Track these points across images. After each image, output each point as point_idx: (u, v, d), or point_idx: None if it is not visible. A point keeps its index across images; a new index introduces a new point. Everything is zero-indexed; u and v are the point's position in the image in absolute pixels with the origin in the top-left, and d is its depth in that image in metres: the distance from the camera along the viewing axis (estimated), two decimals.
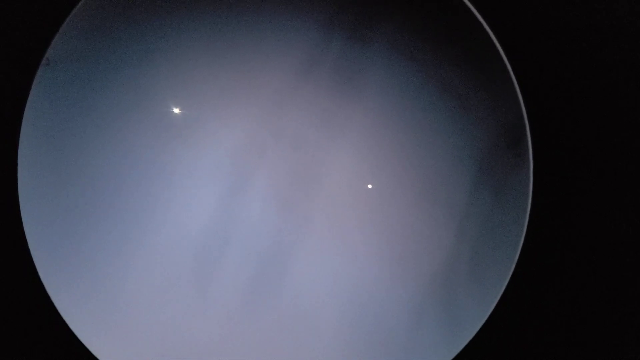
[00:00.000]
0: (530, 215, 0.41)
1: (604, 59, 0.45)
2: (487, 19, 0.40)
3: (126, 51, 0.43)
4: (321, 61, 0.45)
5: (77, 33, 0.40)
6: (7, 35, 0.46)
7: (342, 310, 0.45)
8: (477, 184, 0.43)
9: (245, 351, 0.45)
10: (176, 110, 0.46)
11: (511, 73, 0.40)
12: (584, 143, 0.46)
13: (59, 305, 0.42)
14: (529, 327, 0.47)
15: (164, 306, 0.45)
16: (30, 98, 0.40)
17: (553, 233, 0.46)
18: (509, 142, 0.41)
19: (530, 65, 0.45)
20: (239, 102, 0.46)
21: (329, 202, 0.47)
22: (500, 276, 0.41)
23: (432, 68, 0.43)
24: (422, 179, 0.45)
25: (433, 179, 0.45)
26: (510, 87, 0.40)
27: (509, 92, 0.40)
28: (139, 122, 0.45)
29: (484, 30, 0.39)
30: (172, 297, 0.45)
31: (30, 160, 0.41)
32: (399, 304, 0.44)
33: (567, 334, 0.47)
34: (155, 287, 0.45)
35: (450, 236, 0.44)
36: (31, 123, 0.41)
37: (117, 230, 0.44)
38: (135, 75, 0.44)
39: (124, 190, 0.45)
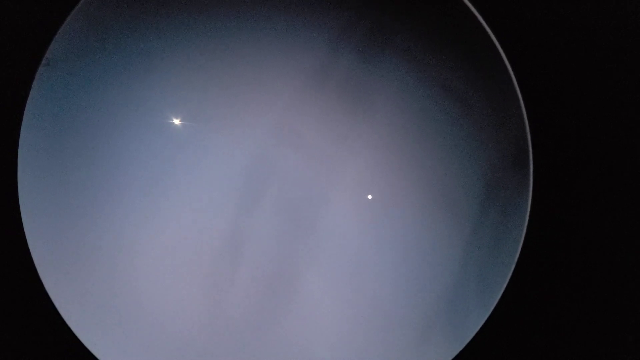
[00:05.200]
0: (534, 222, 0.41)
1: (606, 59, 0.45)
2: (491, 21, 0.40)
3: (126, 51, 0.43)
4: (331, 72, 0.45)
5: (77, 33, 0.40)
6: (7, 35, 0.46)
7: (351, 325, 0.45)
8: (485, 198, 0.43)
9: None
10: (176, 121, 0.46)
11: (515, 84, 0.40)
12: (585, 145, 0.46)
13: (59, 305, 0.42)
14: (525, 335, 0.47)
15: (166, 308, 0.45)
16: (30, 98, 0.40)
17: (556, 243, 0.47)
18: (514, 153, 0.41)
19: (534, 67, 0.45)
20: (249, 112, 0.46)
21: (339, 217, 0.47)
22: (497, 284, 0.41)
23: (435, 73, 0.43)
24: (431, 193, 0.45)
25: (442, 193, 0.45)
26: (515, 98, 0.40)
27: (514, 102, 0.40)
28: (140, 122, 0.45)
29: (488, 34, 0.39)
30: (173, 298, 0.45)
31: (30, 160, 0.41)
32: (407, 320, 0.44)
33: (563, 342, 0.47)
34: (157, 289, 0.45)
35: (459, 251, 0.44)
36: (31, 123, 0.41)
37: (117, 230, 0.44)
38: (135, 75, 0.44)
39: (125, 191, 0.45)
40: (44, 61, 0.40)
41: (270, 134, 0.46)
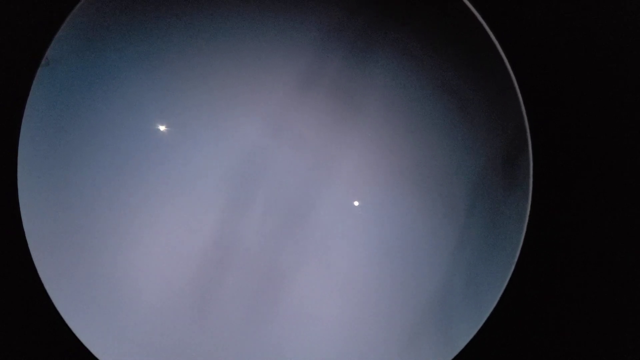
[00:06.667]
0: (534, 222, 0.41)
1: (606, 59, 0.45)
2: (491, 21, 0.40)
3: (126, 51, 0.43)
4: (326, 71, 0.45)
5: (77, 33, 0.40)
6: (7, 35, 0.46)
7: (342, 327, 0.45)
8: (483, 199, 0.43)
9: None
10: (163, 128, 0.46)
11: (515, 84, 0.40)
12: (585, 145, 0.46)
13: (58, 304, 0.41)
14: (521, 342, 0.47)
15: (166, 309, 0.45)
16: (30, 98, 0.40)
17: (555, 243, 0.47)
18: (510, 158, 0.41)
19: (534, 67, 0.45)
20: (244, 111, 0.46)
21: (327, 220, 0.47)
22: (492, 294, 0.41)
23: (434, 73, 0.43)
24: (430, 193, 0.45)
25: (441, 193, 0.45)
26: (515, 98, 0.40)
27: (514, 102, 0.40)
28: (140, 122, 0.45)
29: (488, 34, 0.39)
30: (172, 300, 0.45)
31: (30, 160, 0.41)
32: (394, 327, 0.44)
33: (563, 342, 0.47)
34: (156, 289, 0.45)
35: (447, 255, 0.44)
36: (31, 123, 0.41)
37: (117, 231, 0.44)
38: (135, 75, 0.44)
39: (125, 191, 0.45)
40: (44, 61, 0.40)
41: (265, 133, 0.46)
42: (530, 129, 0.40)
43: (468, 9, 0.39)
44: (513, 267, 0.40)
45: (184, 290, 0.45)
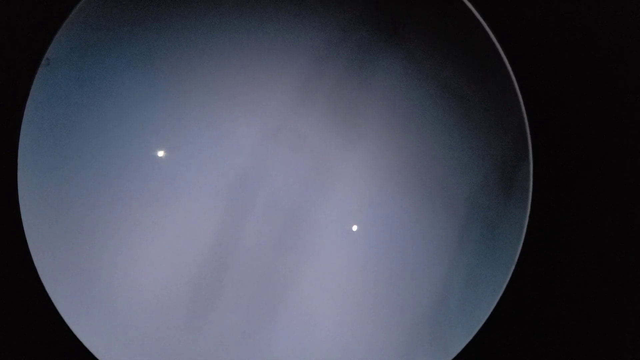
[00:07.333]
0: (534, 223, 0.41)
1: (606, 59, 0.45)
2: (491, 21, 0.40)
3: (127, 51, 0.43)
4: (323, 72, 0.45)
5: (77, 33, 0.40)
6: (7, 35, 0.46)
7: (337, 333, 0.45)
8: (475, 201, 0.43)
9: None
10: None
11: (515, 84, 0.40)
12: (585, 145, 0.46)
13: (58, 304, 0.41)
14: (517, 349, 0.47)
15: (166, 310, 0.45)
16: (30, 98, 0.40)
17: (556, 243, 0.47)
18: (510, 158, 0.41)
19: (534, 67, 0.45)
20: (238, 113, 0.46)
21: (327, 222, 0.47)
22: (487, 303, 0.41)
23: (434, 73, 0.43)
24: (421, 198, 0.45)
25: (433, 198, 0.45)
26: (515, 98, 0.40)
27: (514, 102, 0.40)
28: (140, 123, 0.45)
29: (488, 34, 0.39)
30: (172, 301, 0.45)
31: (30, 160, 0.41)
32: (394, 328, 0.44)
33: (563, 343, 0.47)
34: (156, 290, 0.45)
35: (447, 256, 0.44)
36: (31, 123, 0.41)
37: (118, 231, 0.44)
38: (136, 75, 0.44)
39: (125, 191, 0.45)
40: (44, 61, 0.40)
41: (265, 135, 0.46)
42: (530, 129, 0.40)
43: (468, 9, 0.39)
44: (512, 269, 0.40)
45: (184, 291, 0.45)
